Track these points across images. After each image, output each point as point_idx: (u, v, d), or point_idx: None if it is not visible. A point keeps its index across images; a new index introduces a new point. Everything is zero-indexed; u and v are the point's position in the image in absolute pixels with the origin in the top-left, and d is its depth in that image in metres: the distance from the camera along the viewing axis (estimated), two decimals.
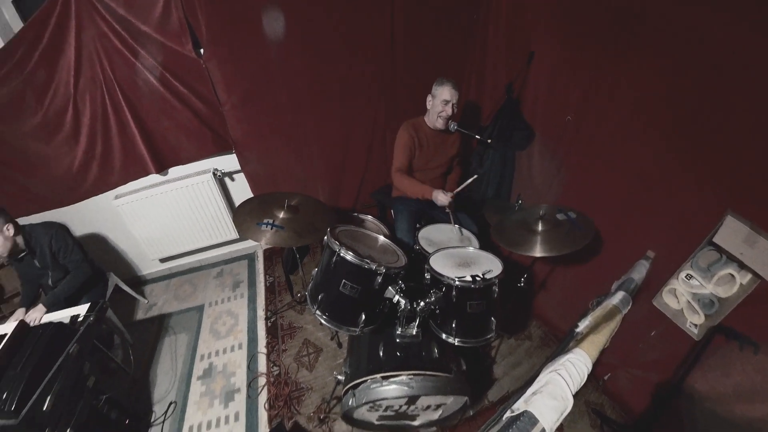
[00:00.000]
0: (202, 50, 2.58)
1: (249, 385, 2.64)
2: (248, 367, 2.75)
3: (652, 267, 1.91)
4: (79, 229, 3.27)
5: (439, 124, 2.48)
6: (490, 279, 1.79)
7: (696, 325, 1.74)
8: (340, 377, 2.03)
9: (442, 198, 2.38)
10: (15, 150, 2.95)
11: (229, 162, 3.17)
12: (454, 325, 1.88)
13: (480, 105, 3.05)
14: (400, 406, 1.84)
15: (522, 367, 2.51)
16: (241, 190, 3.32)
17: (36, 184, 3.06)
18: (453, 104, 2.41)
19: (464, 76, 3.01)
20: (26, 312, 2.52)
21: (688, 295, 1.75)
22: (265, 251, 3.64)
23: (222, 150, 3.05)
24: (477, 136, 2.46)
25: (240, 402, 2.57)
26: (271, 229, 2.25)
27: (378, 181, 3.09)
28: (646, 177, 1.88)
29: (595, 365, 1.59)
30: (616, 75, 1.96)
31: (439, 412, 1.96)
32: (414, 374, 1.72)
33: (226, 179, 3.27)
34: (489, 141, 2.52)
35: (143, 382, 2.84)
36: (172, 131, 2.90)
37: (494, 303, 1.89)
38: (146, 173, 3.03)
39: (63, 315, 2.38)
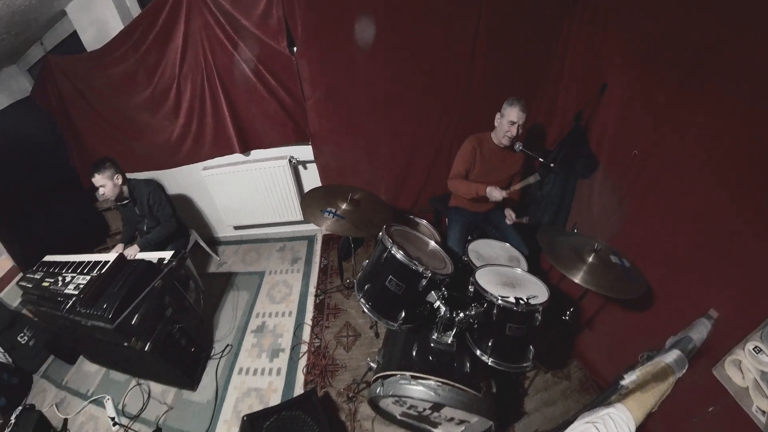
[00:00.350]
0: (295, 48, 2.59)
1: (292, 349, 2.69)
2: (294, 333, 2.80)
3: (713, 329, 1.57)
4: (172, 190, 3.47)
5: (505, 142, 2.34)
6: (534, 305, 1.63)
7: (764, 412, 1.34)
8: (372, 364, 2.01)
9: (496, 193, 2.22)
10: (126, 118, 3.19)
11: (304, 152, 3.19)
12: (490, 344, 1.74)
13: (547, 129, 2.83)
14: (424, 409, 1.76)
15: (556, 408, 2.21)
16: (312, 178, 3.35)
17: (140, 147, 3.29)
18: (519, 125, 2.26)
19: (536, 99, 2.81)
20: (124, 248, 2.76)
21: (756, 373, 1.35)
22: (324, 236, 3.67)
23: (300, 140, 3.08)
24: (540, 159, 2.29)
25: (283, 360, 2.64)
26: (333, 217, 2.26)
27: (438, 189, 2.97)
28: (716, 226, 1.59)
29: (639, 430, 1.37)
30: (689, 115, 1.71)
31: (462, 428, 1.84)
32: (443, 382, 1.63)
33: (300, 167, 3.31)
34: (552, 165, 2.32)
35: (208, 323, 3.03)
36: (259, 118, 2.96)
37: (535, 331, 1.71)
38: (232, 152, 3.15)
39: (152, 256, 2.57)
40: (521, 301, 1.61)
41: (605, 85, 2.24)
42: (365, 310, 1.94)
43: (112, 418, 2.43)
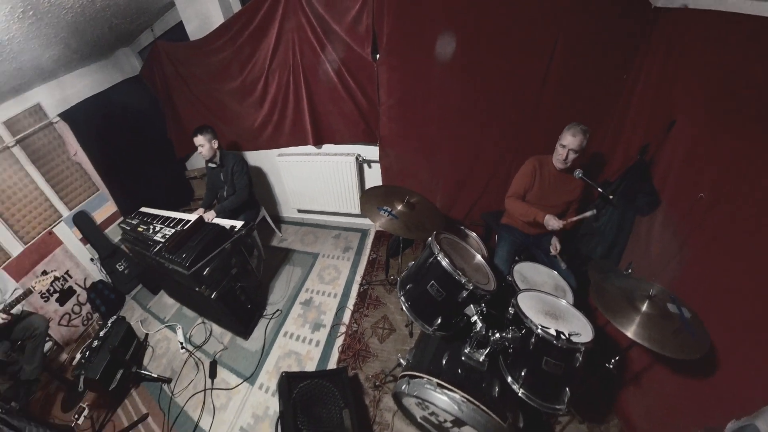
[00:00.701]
0: (377, 56, 2.54)
1: (332, 327, 2.71)
2: (336, 313, 2.81)
3: None
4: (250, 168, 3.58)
5: (558, 164, 2.15)
6: (576, 343, 1.41)
7: None
8: (402, 361, 1.93)
9: (553, 222, 2.06)
10: (218, 102, 3.34)
11: (371, 151, 3.15)
12: (523, 374, 1.52)
13: (610, 159, 2.56)
14: (445, 421, 1.64)
15: None
16: (373, 177, 3.30)
17: (227, 129, 3.45)
18: (570, 150, 2.06)
19: (601, 128, 2.54)
20: (204, 212, 2.91)
21: None
22: (377, 232, 3.63)
23: (368, 141, 3.04)
24: (600, 189, 2.06)
25: (322, 335, 2.67)
26: (388, 216, 2.22)
27: (492, 204, 2.81)
28: None
29: None
30: (763, 164, 1.45)
31: None
32: (468, 399, 1.49)
33: (365, 165, 3.28)
34: (611, 197, 2.09)
35: (264, 288, 3.16)
36: (335, 116, 2.96)
37: (574, 372, 1.46)
38: (306, 143, 3.19)
39: (226, 223, 2.71)
40: (562, 336, 1.41)
41: (674, 122, 1.98)
42: (404, 308, 1.88)
43: (181, 343, 2.74)
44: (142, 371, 2.59)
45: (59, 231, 3.30)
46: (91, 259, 3.51)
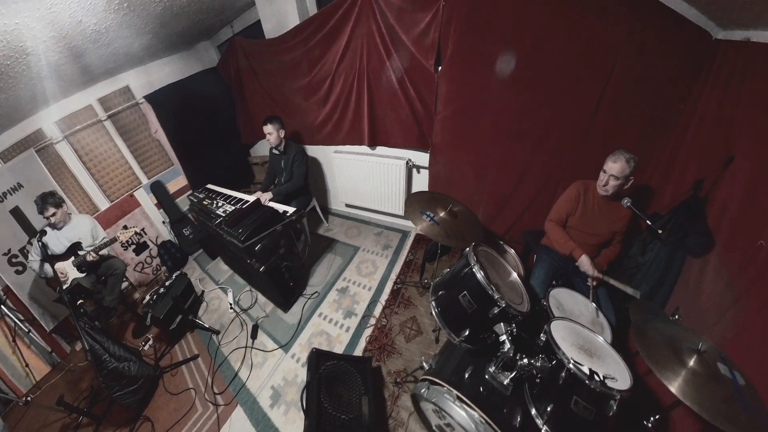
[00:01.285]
0: (439, 68, 2.45)
1: (363, 317, 2.71)
2: (368, 306, 2.80)
3: None
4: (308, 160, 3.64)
5: (600, 191, 1.98)
6: (611, 388, 1.21)
7: None
8: (425, 364, 1.86)
9: (587, 266, 1.92)
10: (285, 97, 3.41)
11: (421, 157, 3.08)
12: (549, 409, 1.34)
13: (661, 192, 2.29)
14: None
15: None
16: (421, 182, 3.23)
17: (291, 123, 3.53)
18: (611, 176, 1.89)
19: (653, 158, 2.27)
20: (262, 194, 3.01)
21: None
22: (417, 235, 3.56)
23: (421, 147, 2.97)
24: (648, 222, 1.86)
25: (353, 322, 2.69)
26: (430, 221, 2.17)
27: (533, 223, 2.63)
28: None
29: None
30: None
31: None
32: (486, 421, 1.36)
33: (414, 170, 3.21)
34: (660, 231, 1.86)
35: (306, 270, 3.26)
36: (391, 121, 2.92)
37: (606, 421, 1.25)
38: (361, 144, 3.19)
39: (279, 207, 2.78)
40: (596, 377, 1.22)
41: (732, 158, 1.73)
42: (433, 313, 1.82)
43: (230, 304, 2.97)
44: (197, 320, 2.85)
45: (138, 195, 3.64)
46: (163, 222, 3.82)
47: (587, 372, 1.26)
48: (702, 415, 1.12)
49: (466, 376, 1.62)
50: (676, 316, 1.57)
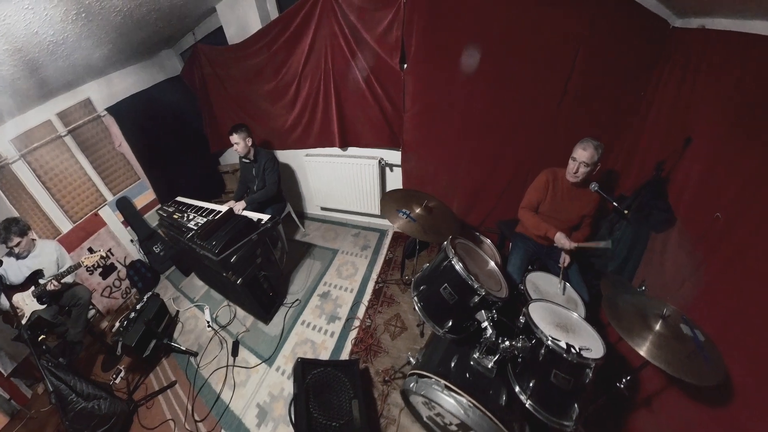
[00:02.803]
0: (405, 65, 2.51)
1: (347, 320, 2.70)
2: (351, 308, 2.80)
3: None
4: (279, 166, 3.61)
5: (569, 178, 2.06)
6: (587, 358, 1.31)
7: None
8: (412, 359, 1.90)
9: (564, 241, 1.98)
10: (252, 103, 3.39)
11: (393, 156, 3.13)
12: (531, 385, 1.44)
13: (626, 174, 2.45)
14: (451, 424, 1.59)
15: None
16: (394, 180, 3.27)
17: (259, 129, 3.50)
18: (581, 163, 1.97)
19: (617, 143, 2.43)
20: (235, 203, 2.97)
21: None
22: (395, 233, 3.60)
23: (392, 145, 3.01)
24: (614, 203, 1.97)
25: (337, 327, 2.67)
26: (406, 218, 2.19)
27: (507, 213, 2.73)
28: None
29: None
30: None
31: None
32: (474, 405, 1.42)
33: (387, 169, 3.26)
34: (626, 212, 1.98)
35: (285, 278, 3.20)
36: (361, 121, 2.95)
37: (583, 388, 1.38)
38: (332, 146, 3.20)
39: (253, 215, 2.75)
40: (573, 350, 1.32)
41: (690, 139, 1.87)
42: (416, 308, 1.85)
43: (208, 322, 2.81)
44: (173, 343, 2.71)
45: (104, 213, 3.47)
46: (131, 240, 3.66)
47: (564, 346, 1.34)
48: (670, 372, 1.24)
49: (453, 365, 1.67)
50: (643, 288, 1.69)
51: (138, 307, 2.68)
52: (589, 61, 2.18)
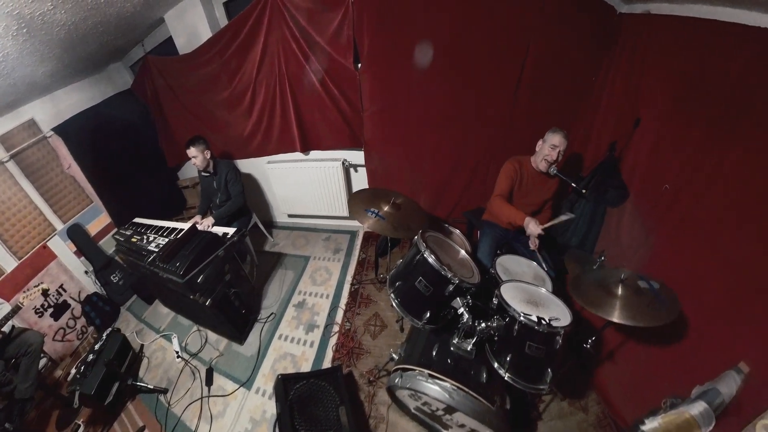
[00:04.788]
0: (359, 65, 2.55)
1: (326, 327, 2.68)
2: (329, 314, 2.78)
3: (744, 384, 1.27)
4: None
5: (542, 166, 2.16)
6: (556, 327, 1.43)
7: None
8: (394, 355, 1.94)
9: (533, 227, 2.06)
10: (208, 112, 3.31)
11: (356, 156, 3.16)
12: (508, 359, 1.55)
13: (582, 156, 2.63)
14: (438, 409, 1.65)
15: None
16: (360, 180, 3.31)
17: (217, 139, 3.41)
18: (560, 151, 2.09)
19: (573, 128, 2.60)
20: (201, 219, 2.87)
21: None
22: (365, 233, 3.62)
23: (354, 146, 3.04)
24: (573, 184, 2.11)
25: (316, 335, 2.64)
26: (375, 217, 2.21)
27: (473, 202, 2.85)
28: (751, 272, 1.35)
29: None
30: (721, 155, 1.52)
31: None
32: (458, 387, 1.50)
33: (351, 169, 3.28)
34: (584, 191, 2.14)
35: (258, 292, 3.10)
36: (320, 123, 2.96)
37: (555, 354, 1.50)
38: (294, 150, 3.18)
39: (218, 230, 2.66)
40: (543, 321, 1.43)
41: (639, 120, 2.05)
42: (394, 304, 1.87)
43: (177, 352, 2.65)
44: (138, 383, 2.48)
45: (53, 244, 3.19)
46: (86, 272, 3.40)
47: (535, 320, 1.45)
48: (636, 325, 1.40)
49: (434, 354, 1.72)
50: (602, 258, 1.83)
51: (96, 347, 2.43)
52: (541, 50, 2.31)
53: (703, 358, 1.50)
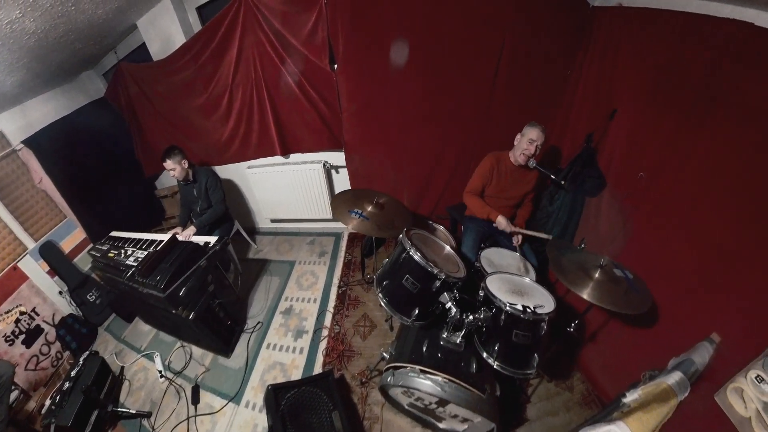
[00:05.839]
0: (335, 65, 2.56)
1: (315, 332, 2.67)
2: (317, 318, 2.77)
3: (716, 353, 1.40)
4: None
5: (521, 159, 2.23)
6: (541, 314, 1.51)
7: None
8: (385, 354, 1.96)
9: (504, 225, 2.19)
10: (184, 119, 3.26)
11: (337, 157, 3.16)
12: (496, 348, 1.62)
13: (560, 149, 2.72)
14: (430, 403, 1.69)
15: (558, 419, 2.02)
16: (342, 181, 3.31)
17: (195, 146, 3.37)
18: (538, 145, 2.16)
19: (550, 121, 2.67)
20: (182, 230, 2.81)
21: (759, 403, 1.18)
22: (350, 234, 3.63)
23: (334, 147, 3.05)
24: (552, 177, 2.18)
25: (305, 341, 2.62)
26: (359, 218, 2.22)
27: (456, 198, 2.88)
28: (720, 251, 1.45)
29: None
30: (693, 143, 1.61)
31: (465, 426, 1.74)
32: (449, 379, 1.54)
33: (332, 171, 3.29)
34: (563, 183, 2.21)
35: (243, 302, 3.05)
36: (299, 126, 2.96)
37: (540, 340, 1.59)
38: (273, 154, 3.17)
39: (199, 239, 2.61)
40: (528, 310, 1.50)
41: (615, 111, 2.13)
42: (382, 304, 1.89)
43: (160, 371, 2.56)
44: (119, 409, 2.34)
45: (24, 265, 3.03)
46: (60, 292, 3.25)
47: (521, 309, 1.52)
48: (612, 309, 1.49)
49: (424, 349, 1.76)
50: (582, 245, 1.91)
51: (73, 373, 2.29)
52: (516, 45, 2.37)
53: (678, 332, 1.60)
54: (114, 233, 2.85)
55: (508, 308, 1.54)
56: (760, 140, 1.33)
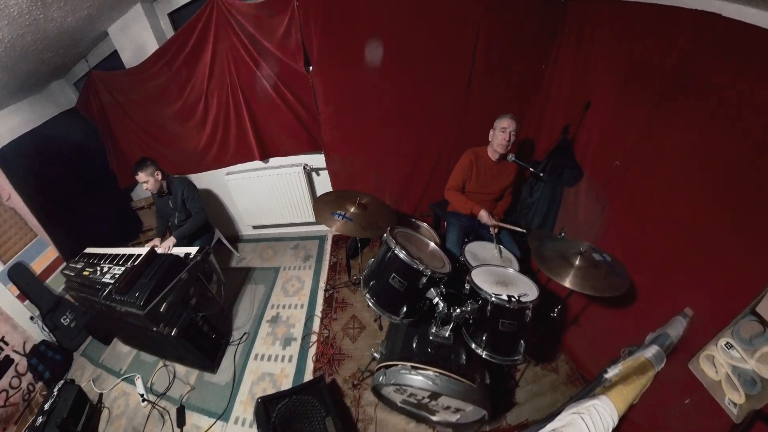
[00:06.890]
0: (311, 67, 2.57)
1: (303, 338, 2.65)
2: (305, 324, 2.76)
3: (689, 326, 1.52)
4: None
5: (499, 150, 2.28)
6: (525, 302, 1.57)
7: (735, 405, 1.30)
8: (376, 354, 1.97)
9: (486, 219, 2.26)
10: (159, 127, 3.20)
11: (317, 160, 3.17)
12: (484, 338, 1.68)
13: (537, 142, 2.80)
14: (423, 398, 1.72)
15: (545, 399, 2.11)
16: (323, 183, 3.33)
17: (172, 154, 3.31)
18: (511, 132, 2.20)
19: (527, 115, 2.78)
20: (160, 242, 2.73)
21: (728, 367, 1.33)
22: (334, 236, 3.64)
23: (314, 149, 3.06)
24: (531, 169, 2.27)
25: (294, 348, 2.60)
26: (342, 219, 2.22)
27: (438, 194, 2.93)
28: (691, 231, 1.55)
29: (621, 420, 1.31)
30: (666, 131, 1.70)
31: (457, 416, 1.79)
32: (440, 373, 1.58)
33: (313, 173, 3.29)
34: (541, 174, 2.30)
35: (228, 313, 3.00)
36: (277, 129, 2.96)
37: (526, 327, 1.65)
38: (252, 159, 3.15)
39: (179, 251, 2.55)
40: (513, 299, 1.56)
41: (589, 103, 2.21)
42: (370, 304, 1.91)
43: (142, 395, 2.45)
44: None
45: None
46: (31, 318, 3.08)
47: (506, 299, 1.57)
48: (593, 294, 1.56)
49: (414, 346, 1.79)
50: (562, 234, 1.99)
51: (46, 406, 2.15)
52: (490, 40, 2.43)
53: (654, 308, 1.71)
54: (89, 249, 2.76)
55: (493, 299, 1.59)
56: (728, 128, 1.42)
